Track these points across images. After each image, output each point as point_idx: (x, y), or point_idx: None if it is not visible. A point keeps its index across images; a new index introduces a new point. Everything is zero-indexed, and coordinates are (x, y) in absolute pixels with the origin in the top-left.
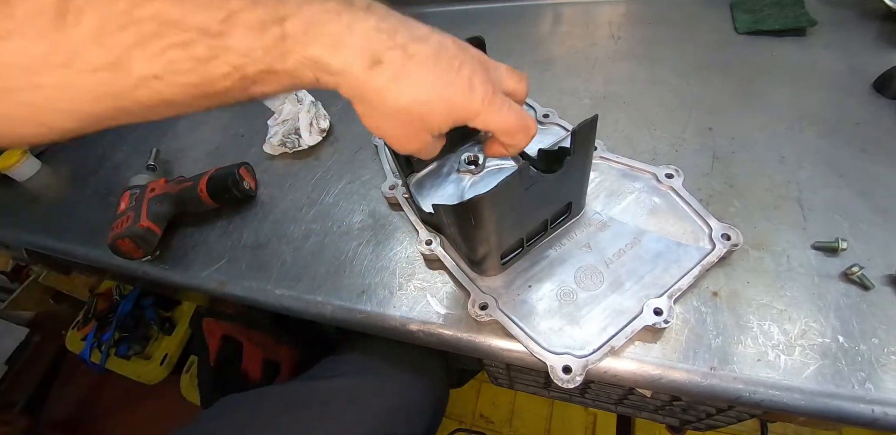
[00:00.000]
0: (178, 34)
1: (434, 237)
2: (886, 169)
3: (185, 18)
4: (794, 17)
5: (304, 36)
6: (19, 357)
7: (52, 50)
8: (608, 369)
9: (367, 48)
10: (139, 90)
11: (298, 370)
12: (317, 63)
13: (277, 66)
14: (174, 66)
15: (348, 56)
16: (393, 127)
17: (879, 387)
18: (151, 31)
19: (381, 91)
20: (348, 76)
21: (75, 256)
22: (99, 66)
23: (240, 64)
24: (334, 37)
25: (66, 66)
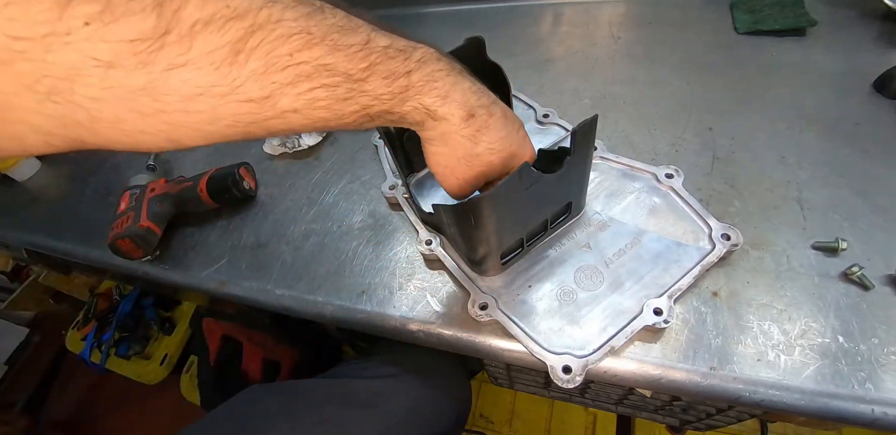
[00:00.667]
0: (327, 78)
1: (434, 237)
2: (886, 169)
3: (336, 65)
4: (794, 17)
5: (423, 87)
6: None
7: (217, 82)
8: (608, 369)
9: (465, 104)
10: (274, 120)
11: (298, 370)
12: (428, 110)
13: (396, 108)
14: (315, 103)
15: (452, 108)
16: (460, 168)
17: (879, 387)
18: (307, 73)
19: (467, 138)
20: (447, 123)
21: (75, 256)
22: (251, 99)
23: (368, 105)
24: (444, 91)
25: (223, 97)
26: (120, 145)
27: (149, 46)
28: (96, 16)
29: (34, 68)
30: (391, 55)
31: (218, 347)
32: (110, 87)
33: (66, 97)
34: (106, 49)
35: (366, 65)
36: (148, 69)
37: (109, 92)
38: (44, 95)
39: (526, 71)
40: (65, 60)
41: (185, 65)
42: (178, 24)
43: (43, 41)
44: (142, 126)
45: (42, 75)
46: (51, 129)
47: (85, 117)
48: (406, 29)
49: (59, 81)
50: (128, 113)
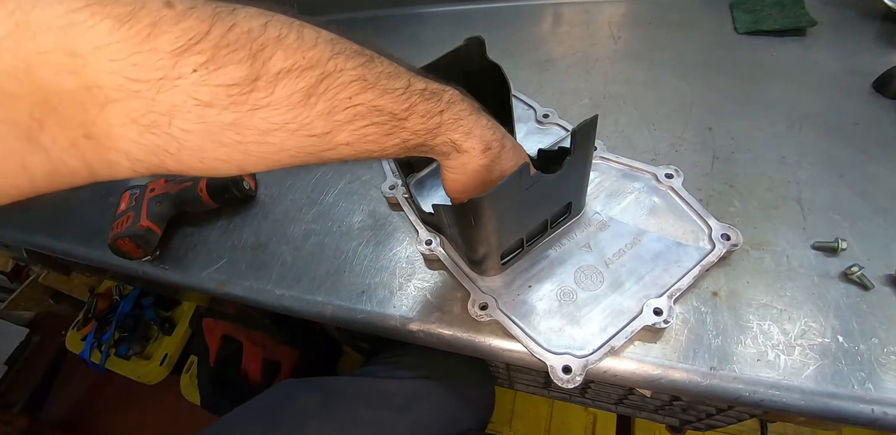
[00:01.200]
0: (377, 117)
1: (434, 237)
2: (886, 169)
3: (385, 106)
4: (794, 17)
5: (452, 124)
6: (19, 357)
7: (291, 120)
8: (608, 369)
9: (484, 139)
10: (329, 151)
11: (298, 370)
12: (455, 144)
13: (429, 142)
14: (365, 137)
15: (473, 142)
16: (475, 192)
17: (879, 387)
18: (362, 113)
19: (484, 167)
20: (468, 155)
21: (75, 256)
22: (315, 134)
23: (408, 138)
24: (468, 127)
25: (294, 132)
26: (195, 171)
27: (241, 90)
28: (203, 65)
29: (143, 105)
30: (427, 97)
31: (218, 347)
32: (203, 122)
33: (164, 130)
34: (206, 92)
35: (407, 105)
36: (237, 108)
37: (201, 126)
38: (145, 128)
39: (526, 71)
40: (170, 100)
41: (268, 106)
42: (266, 72)
43: (157, 84)
44: (220, 155)
45: (148, 111)
46: (141, 157)
47: (175, 147)
48: (406, 29)
49: (160, 117)
50: (211, 143)
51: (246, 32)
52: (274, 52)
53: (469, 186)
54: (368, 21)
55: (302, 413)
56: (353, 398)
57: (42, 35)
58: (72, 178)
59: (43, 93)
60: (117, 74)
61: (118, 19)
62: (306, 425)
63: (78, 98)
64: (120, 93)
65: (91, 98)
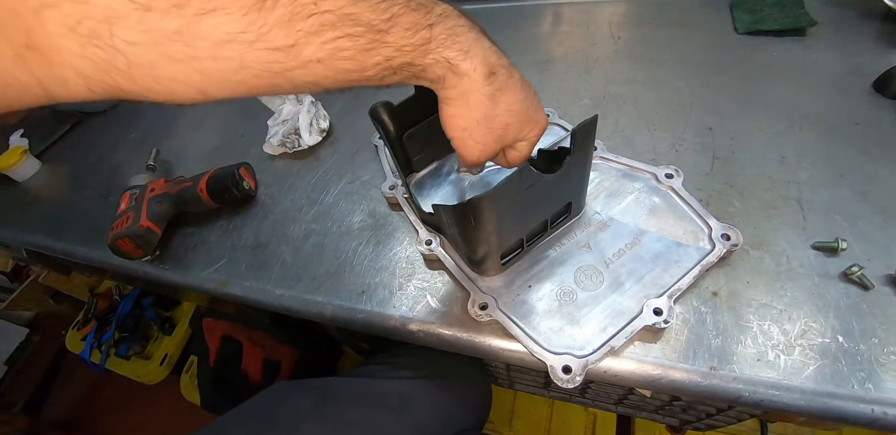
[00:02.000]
0: (350, 27)
1: (434, 237)
2: (886, 169)
3: (360, 15)
4: (794, 17)
5: (445, 40)
6: (19, 357)
7: (245, 28)
8: (608, 369)
9: (487, 61)
10: (298, 70)
11: (298, 370)
12: (450, 63)
13: (418, 60)
14: (338, 53)
15: (474, 63)
16: (479, 131)
17: (879, 387)
18: (331, 21)
19: (488, 97)
20: (469, 79)
21: (75, 256)
22: (277, 47)
23: (391, 56)
24: (466, 46)
25: (251, 44)
26: (153, 94)
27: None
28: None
29: (77, 10)
30: (413, 8)
31: (218, 347)
32: (146, 30)
33: (106, 41)
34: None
35: (388, 16)
36: (180, 12)
37: (145, 36)
38: (86, 38)
39: (526, 71)
40: (104, 2)
41: (215, 10)
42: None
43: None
44: (174, 73)
45: (83, 17)
46: (92, 74)
47: (123, 62)
48: None
49: (99, 24)
50: (161, 58)
51: None
52: None
53: (471, 123)
54: None
55: (295, 414)
56: (349, 399)
57: None
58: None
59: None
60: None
61: None
62: (299, 427)
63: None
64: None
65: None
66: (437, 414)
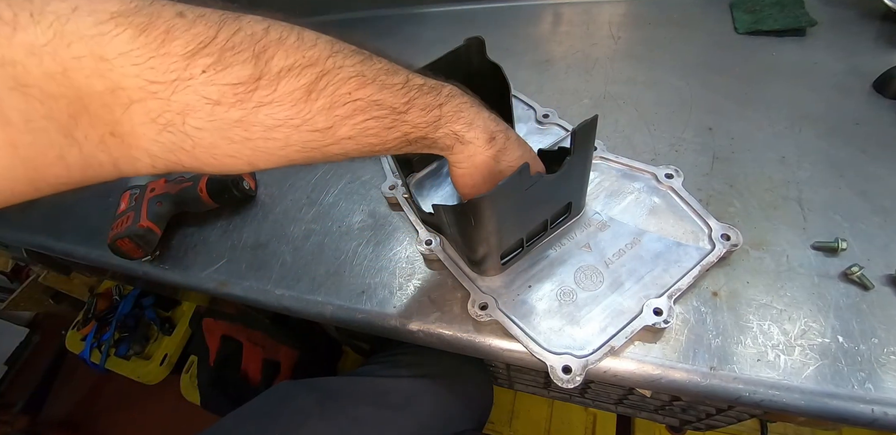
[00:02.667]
0: (377, 111)
1: (434, 237)
2: (886, 169)
3: (384, 100)
4: (794, 17)
5: (452, 117)
6: (19, 357)
7: (294, 116)
8: (608, 369)
9: (487, 129)
10: (332, 146)
11: (298, 370)
12: (457, 135)
13: (431, 134)
14: (366, 131)
15: (477, 132)
16: (485, 185)
17: (879, 387)
18: (361, 107)
19: (491, 158)
20: (473, 146)
21: (75, 256)
22: (318, 129)
23: (409, 132)
24: (469, 119)
25: (297, 127)
26: (209, 168)
27: (246, 88)
28: (211, 66)
29: (160, 105)
30: (426, 91)
31: (218, 347)
32: (213, 120)
33: (179, 128)
34: (215, 90)
35: (406, 99)
36: (243, 106)
37: (212, 124)
38: (162, 127)
39: (526, 71)
40: (184, 99)
41: (272, 103)
42: (268, 71)
43: (171, 85)
44: (230, 151)
45: (165, 111)
46: (160, 154)
47: (189, 144)
48: (406, 29)
49: (175, 116)
50: (221, 140)
51: (249, 36)
52: (275, 52)
53: (478, 180)
54: (368, 21)
55: (299, 413)
56: (351, 397)
57: (76, 43)
58: (100, 171)
59: (77, 94)
60: (138, 77)
61: (138, 28)
62: (304, 425)
63: (105, 99)
64: (140, 94)
65: (116, 99)
66: (439, 413)
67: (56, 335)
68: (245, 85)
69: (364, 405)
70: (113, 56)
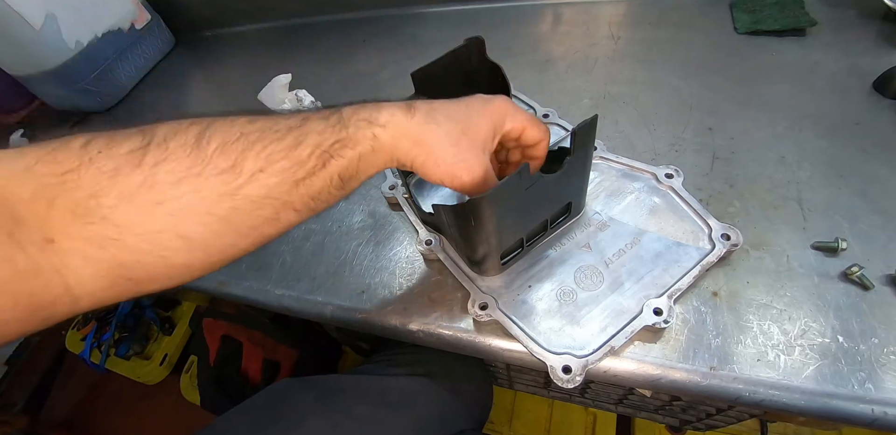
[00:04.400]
0: (273, 134)
1: (434, 237)
2: (886, 169)
3: (277, 124)
4: (794, 17)
5: (355, 111)
6: (19, 357)
7: (191, 164)
8: (608, 369)
9: (399, 105)
10: (248, 185)
11: (298, 370)
12: (368, 121)
13: (342, 134)
14: (272, 156)
15: (389, 109)
16: (447, 156)
17: (879, 387)
18: (256, 137)
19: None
20: (395, 121)
21: None
22: (222, 170)
23: (317, 142)
24: (374, 107)
25: (200, 175)
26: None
27: (138, 154)
28: (105, 145)
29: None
30: (320, 110)
31: (218, 347)
32: (119, 190)
33: (97, 214)
34: (111, 163)
35: (300, 117)
36: (141, 169)
37: (119, 195)
38: (82, 217)
39: (526, 71)
40: (89, 179)
41: (167, 159)
42: (155, 137)
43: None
44: (151, 223)
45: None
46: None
47: (113, 230)
48: (406, 29)
49: (89, 200)
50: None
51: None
52: (159, 126)
53: (437, 156)
54: (368, 21)
55: (298, 410)
56: (350, 395)
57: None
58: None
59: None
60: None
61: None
62: (303, 422)
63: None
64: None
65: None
66: (438, 412)
67: (56, 335)
68: (137, 151)
69: (363, 403)
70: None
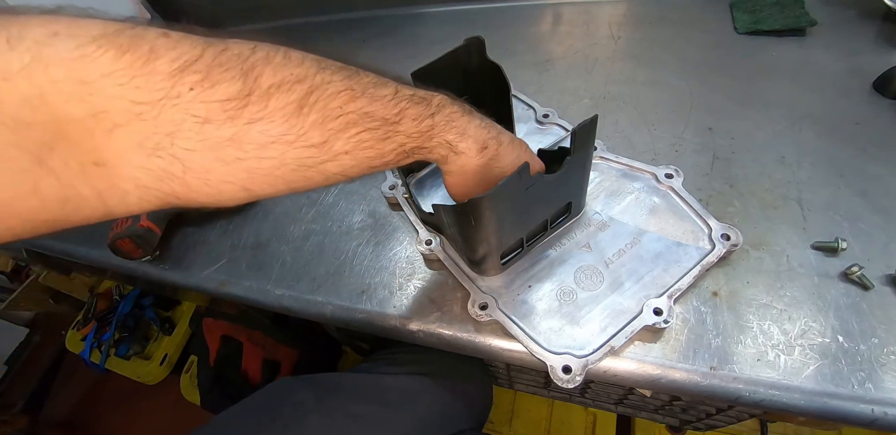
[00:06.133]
0: (369, 123)
1: (434, 237)
2: (886, 169)
3: (375, 112)
4: (794, 17)
5: (445, 126)
6: (19, 357)
7: (287, 131)
8: (608, 369)
9: (479, 139)
10: (330, 163)
11: (298, 370)
12: (450, 145)
13: (425, 144)
14: (361, 144)
15: (469, 143)
16: (476, 189)
17: (879, 387)
18: (353, 120)
19: (482, 167)
20: (465, 155)
21: (75, 256)
22: (313, 144)
23: (404, 142)
24: (462, 129)
25: (291, 144)
26: (203, 197)
27: (236, 105)
28: (198, 83)
29: (147, 127)
30: (416, 101)
31: (218, 347)
32: (203, 139)
33: (168, 151)
34: (203, 108)
35: (398, 110)
36: (234, 123)
37: (202, 143)
38: (150, 151)
39: (526, 71)
40: (171, 118)
41: (262, 119)
42: (258, 87)
43: (158, 104)
44: (224, 175)
45: (152, 133)
46: (149, 184)
47: (179, 169)
48: (406, 29)
49: (164, 138)
50: (214, 162)
51: (236, 54)
52: (263, 69)
53: (470, 187)
54: (368, 21)
55: (298, 409)
56: (350, 394)
57: (54, 66)
58: (83, 206)
59: (54, 120)
60: (122, 98)
61: (120, 48)
62: (302, 421)
63: (87, 125)
64: (125, 116)
65: (98, 124)
66: (438, 411)
67: (56, 335)
68: (235, 101)
69: (363, 402)
70: (94, 78)
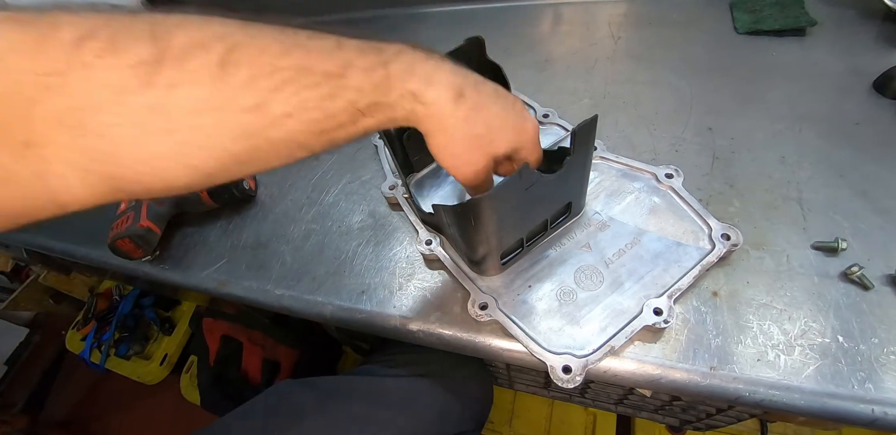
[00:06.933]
0: (308, 78)
1: (434, 237)
2: (886, 169)
3: (314, 66)
4: (794, 17)
5: (404, 75)
6: (19, 357)
7: (212, 95)
8: (608, 369)
9: (451, 85)
10: (272, 128)
11: (298, 370)
12: (414, 95)
13: (382, 99)
14: (304, 104)
15: (439, 90)
16: (467, 154)
17: (879, 387)
18: (289, 77)
19: (462, 120)
20: (438, 106)
21: (75, 256)
22: (246, 108)
23: (354, 99)
24: (426, 76)
25: (221, 109)
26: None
27: (147, 69)
28: (104, 49)
29: (62, 102)
30: (364, 51)
31: (218, 347)
32: (125, 110)
33: (91, 129)
34: (115, 75)
35: (341, 62)
36: (152, 89)
37: (124, 116)
38: (74, 129)
39: (526, 71)
40: (83, 89)
41: (183, 82)
42: (170, 47)
43: (65, 75)
44: (156, 149)
45: (69, 107)
46: (85, 165)
47: (109, 147)
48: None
49: (83, 112)
50: (143, 135)
51: (146, 20)
52: (176, 30)
53: (459, 150)
54: (368, 21)
55: (298, 412)
56: (350, 396)
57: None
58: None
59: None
60: (28, 71)
61: (20, 22)
62: (302, 424)
63: (7, 102)
64: (36, 90)
65: (16, 102)
66: (438, 412)
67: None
68: (146, 66)
69: (363, 404)
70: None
